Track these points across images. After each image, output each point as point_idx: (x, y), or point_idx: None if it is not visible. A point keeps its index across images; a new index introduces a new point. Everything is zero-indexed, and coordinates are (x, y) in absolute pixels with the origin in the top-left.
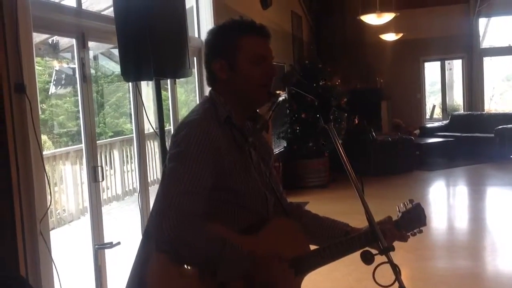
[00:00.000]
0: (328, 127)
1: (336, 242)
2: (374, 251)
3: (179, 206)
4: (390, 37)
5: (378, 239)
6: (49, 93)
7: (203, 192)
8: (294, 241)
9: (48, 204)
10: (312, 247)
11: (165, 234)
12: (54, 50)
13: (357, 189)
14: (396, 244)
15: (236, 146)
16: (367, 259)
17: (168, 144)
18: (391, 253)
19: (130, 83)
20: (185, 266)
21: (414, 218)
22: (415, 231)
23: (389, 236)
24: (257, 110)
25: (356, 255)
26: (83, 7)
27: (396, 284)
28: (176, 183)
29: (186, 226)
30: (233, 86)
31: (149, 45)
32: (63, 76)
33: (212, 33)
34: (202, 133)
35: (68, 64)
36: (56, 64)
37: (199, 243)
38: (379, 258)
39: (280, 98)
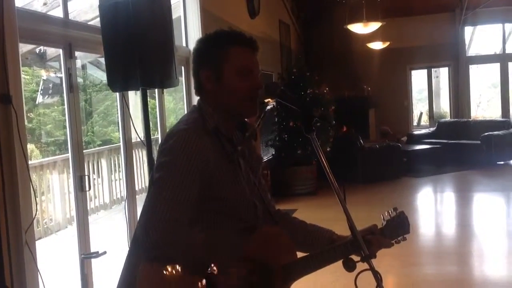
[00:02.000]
0: (311, 136)
1: (322, 250)
2: (356, 258)
3: (166, 215)
4: (377, 45)
5: (360, 247)
6: (37, 102)
7: (189, 201)
8: (283, 248)
9: (34, 214)
10: (299, 254)
11: (152, 242)
12: (41, 59)
13: (339, 197)
14: (382, 251)
15: (224, 156)
16: (349, 266)
17: (155, 153)
18: (373, 261)
19: (117, 93)
20: (169, 269)
21: (398, 226)
22: (399, 238)
23: (375, 244)
24: (245, 119)
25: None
26: (70, 17)
27: None
28: (163, 193)
29: (172, 235)
30: (220, 97)
31: (136, 55)
32: (51, 85)
33: (201, 42)
34: (189, 143)
35: (55, 73)
36: (43, 74)
37: (184, 251)
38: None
39: (268, 107)
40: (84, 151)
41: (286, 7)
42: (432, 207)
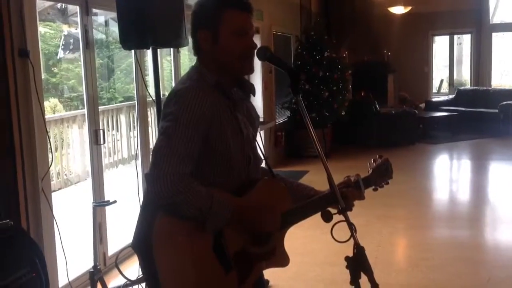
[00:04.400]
0: (297, 98)
1: (306, 202)
2: (333, 211)
3: (172, 167)
4: (398, 10)
5: (337, 201)
6: (58, 57)
7: (193, 154)
8: (280, 199)
9: (50, 163)
10: None
11: (158, 192)
12: (63, 14)
13: (321, 156)
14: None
15: (224, 110)
16: (327, 217)
17: None
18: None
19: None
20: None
21: (383, 173)
22: (383, 183)
23: (350, 197)
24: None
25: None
26: None
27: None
28: (169, 146)
29: (178, 184)
30: (217, 56)
31: (146, 15)
32: (71, 41)
33: (199, 4)
34: (192, 99)
35: (76, 29)
36: (65, 29)
37: (192, 199)
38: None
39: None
40: (103, 107)
41: None
42: (445, 173)
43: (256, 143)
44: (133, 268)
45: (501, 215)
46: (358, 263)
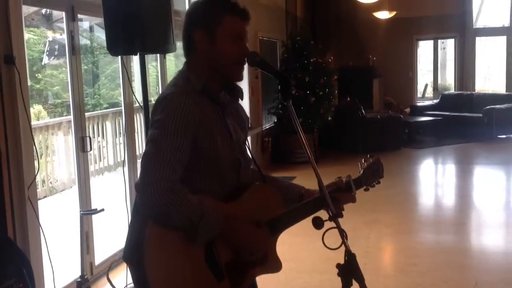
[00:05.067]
0: (287, 104)
1: (296, 206)
2: (325, 217)
3: (160, 174)
4: (383, 15)
5: (328, 207)
6: (43, 63)
7: (182, 160)
8: (272, 204)
9: (36, 171)
10: None
11: (148, 202)
12: (47, 20)
13: (312, 162)
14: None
15: (212, 115)
16: (317, 224)
17: None
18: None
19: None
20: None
21: (374, 173)
22: (374, 183)
23: (342, 200)
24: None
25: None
26: None
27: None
28: (157, 154)
29: (168, 192)
30: (211, 58)
31: (134, 21)
32: (56, 47)
33: (197, 5)
34: (179, 105)
35: (61, 35)
36: (49, 35)
37: (182, 208)
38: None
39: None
40: (89, 113)
41: None
42: (430, 178)
43: (245, 146)
44: (120, 277)
45: (487, 220)
46: (349, 271)
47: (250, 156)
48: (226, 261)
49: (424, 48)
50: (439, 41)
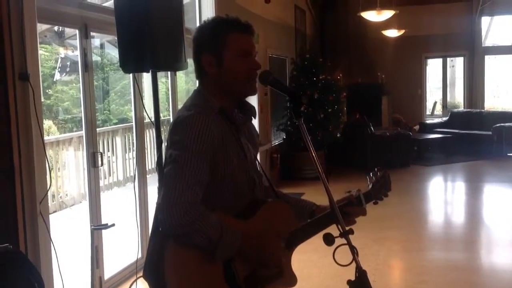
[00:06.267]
0: (298, 122)
1: (309, 221)
2: (336, 233)
3: (182, 197)
4: (392, 33)
5: (339, 224)
6: (54, 79)
7: (202, 182)
8: (286, 220)
9: (48, 186)
10: None
11: (172, 222)
12: (59, 37)
13: (323, 179)
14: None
15: (229, 136)
16: (329, 240)
17: (164, 133)
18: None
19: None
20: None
21: (382, 186)
22: (382, 196)
23: (353, 214)
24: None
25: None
26: None
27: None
28: (180, 176)
29: (189, 214)
30: (222, 79)
31: (146, 39)
32: (68, 63)
33: (200, 30)
34: (199, 127)
35: (73, 51)
36: (61, 51)
37: (203, 229)
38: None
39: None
40: (99, 129)
41: None
42: (440, 195)
43: (257, 162)
44: None
45: (497, 238)
46: (360, 287)
47: (261, 171)
48: (244, 277)
49: (433, 66)
50: (448, 59)
